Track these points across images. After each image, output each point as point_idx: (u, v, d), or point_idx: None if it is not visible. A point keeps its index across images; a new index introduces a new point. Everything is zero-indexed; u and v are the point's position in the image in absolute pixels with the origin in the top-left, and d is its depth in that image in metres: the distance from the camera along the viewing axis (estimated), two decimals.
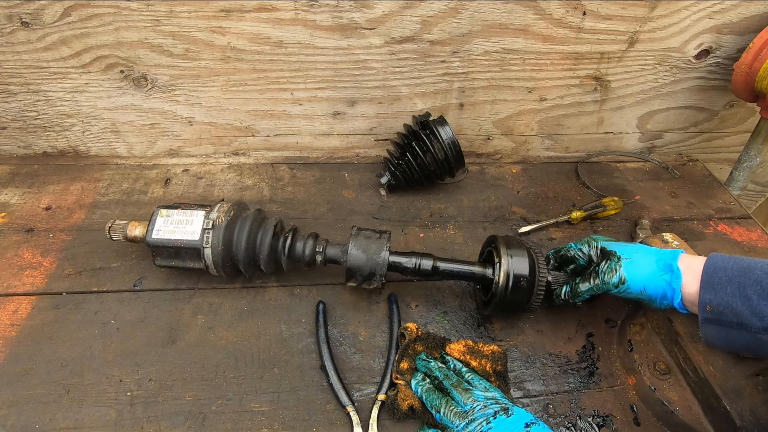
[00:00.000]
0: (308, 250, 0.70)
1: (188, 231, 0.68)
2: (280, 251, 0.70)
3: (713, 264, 0.56)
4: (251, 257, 0.69)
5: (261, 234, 0.70)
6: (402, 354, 0.64)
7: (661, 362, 0.64)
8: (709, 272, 0.55)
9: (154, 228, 0.68)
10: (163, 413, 0.59)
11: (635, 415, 0.63)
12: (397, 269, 0.69)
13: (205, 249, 0.67)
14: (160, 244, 0.68)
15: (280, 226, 0.73)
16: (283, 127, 0.98)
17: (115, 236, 0.71)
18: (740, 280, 0.53)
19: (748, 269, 0.53)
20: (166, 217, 0.69)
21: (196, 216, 0.69)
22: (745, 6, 0.88)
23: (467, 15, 0.84)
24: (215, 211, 0.69)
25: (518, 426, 0.50)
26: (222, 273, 0.69)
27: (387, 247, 0.68)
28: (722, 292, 0.53)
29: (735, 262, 0.55)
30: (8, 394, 0.60)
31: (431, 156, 0.87)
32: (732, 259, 0.55)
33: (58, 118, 0.92)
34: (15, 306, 0.69)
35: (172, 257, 0.69)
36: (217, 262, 0.67)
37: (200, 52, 0.84)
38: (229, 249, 0.68)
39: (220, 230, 0.67)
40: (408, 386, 0.60)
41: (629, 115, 1.05)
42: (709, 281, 0.55)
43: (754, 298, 0.51)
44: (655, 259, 0.61)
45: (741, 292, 0.52)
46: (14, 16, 0.77)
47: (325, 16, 0.82)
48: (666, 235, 0.81)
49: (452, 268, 0.69)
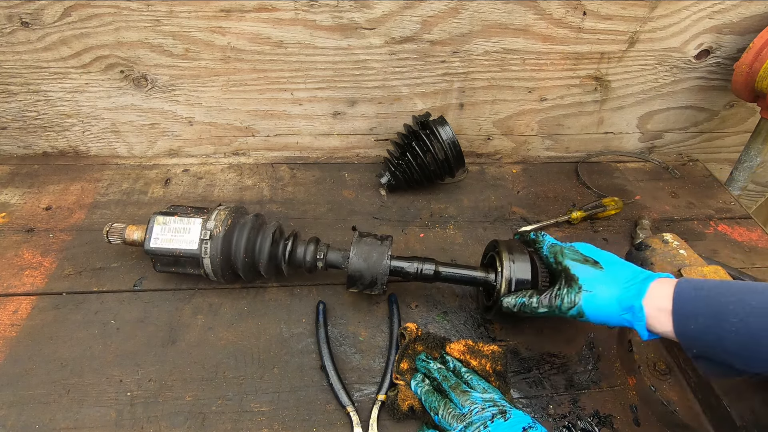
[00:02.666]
0: (309, 256, 0.69)
1: (186, 240, 0.67)
2: (280, 258, 0.69)
3: (681, 312, 0.49)
4: (250, 265, 0.69)
5: (260, 241, 0.69)
6: (402, 354, 0.64)
7: (661, 362, 0.64)
8: (679, 322, 0.49)
9: (152, 236, 0.68)
10: (163, 413, 0.59)
11: (635, 415, 0.63)
12: (399, 274, 0.68)
13: (204, 259, 0.67)
14: (158, 252, 0.68)
15: (279, 231, 0.72)
16: (283, 127, 0.98)
17: (113, 239, 0.71)
18: (716, 332, 0.46)
19: (719, 316, 0.46)
20: (163, 225, 0.68)
21: (193, 224, 0.68)
22: (745, 6, 0.88)
23: (467, 15, 0.84)
24: (212, 219, 0.68)
25: (515, 430, 0.50)
26: (222, 280, 0.70)
27: (388, 255, 0.67)
28: (701, 342, 0.48)
29: (706, 303, 0.48)
30: (8, 395, 0.60)
31: (431, 156, 0.87)
32: (701, 296, 0.48)
33: (58, 118, 0.92)
34: (15, 306, 0.70)
35: (171, 264, 0.70)
36: (217, 271, 0.68)
37: (200, 52, 0.84)
38: (228, 258, 0.68)
39: (218, 241, 0.66)
40: (408, 386, 0.60)
41: (629, 115, 1.05)
42: (683, 335, 0.49)
43: (732, 349, 0.46)
44: (618, 297, 0.54)
45: (720, 344, 0.46)
46: (14, 16, 0.77)
47: (325, 16, 0.82)
48: (666, 235, 0.80)
49: (454, 273, 0.69)
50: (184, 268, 0.70)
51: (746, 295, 0.46)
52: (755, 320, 0.44)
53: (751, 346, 0.44)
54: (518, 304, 0.61)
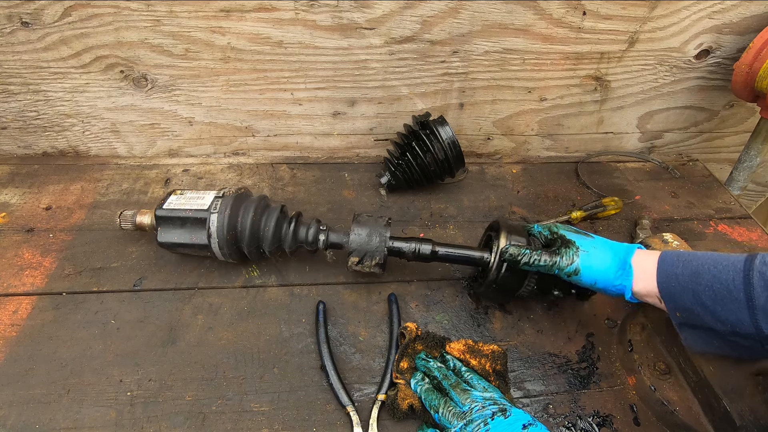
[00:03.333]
0: (312, 230, 0.72)
1: (199, 203, 0.71)
2: (284, 229, 0.71)
3: (665, 271, 0.55)
4: (255, 232, 0.71)
5: (268, 211, 0.72)
6: (402, 353, 0.64)
7: (661, 362, 0.64)
8: (663, 281, 0.55)
9: (166, 202, 0.72)
10: (163, 413, 0.59)
11: (635, 415, 0.63)
12: (397, 254, 0.70)
13: (212, 215, 0.68)
14: (168, 215, 0.70)
15: (286, 209, 0.75)
16: (283, 127, 0.98)
17: (125, 225, 0.74)
18: (693, 287, 0.52)
19: (696, 274, 0.52)
20: (180, 195, 0.74)
21: (207, 195, 0.73)
22: (745, 6, 0.88)
23: (467, 15, 0.84)
24: (228, 189, 0.73)
25: (516, 427, 0.50)
26: (224, 245, 0.69)
27: (387, 221, 0.70)
28: (681, 301, 0.53)
29: (684, 265, 0.54)
30: (8, 394, 0.60)
31: (431, 156, 0.87)
32: (681, 260, 0.54)
33: (58, 118, 0.92)
34: (15, 306, 0.70)
35: (177, 227, 0.71)
36: (221, 230, 0.68)
37: (200, 52, 0.84)
38: (235, 220, 0.70)
39: (229, 199, 0.70)
40: (408, 385, 0.60)
41: (629, 115, 1.05)
42: (666, 291, 0.54)
43: (709, 304, 0.50)
44: (611, 256, 0.60)
45: (696, 299, 0.51)
46: (14, 16, 0.77)
47: (325, 16, 0.82)
48: (666, 235, 0.81)
49: (451, 252, 0.70)
50: (189, 232, 0.70)
51: (719, 258, 0.53)
52: (725, 275, 0.50)
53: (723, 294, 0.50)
54: (521, 254, 0.63)
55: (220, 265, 0.77)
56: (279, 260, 0.79)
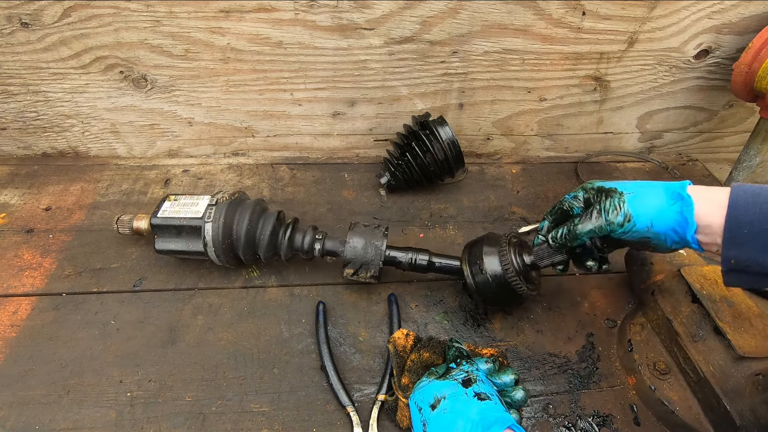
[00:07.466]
0: (308, 238, 0.71)
1: (193, 210, 0.71)
2: (280, 236, 0.71)
3: (736, 217, 0.48)
4: (251, 240, 0.70)
5: (264, 217, 0.72)
6: (401, 367, 0.60)
7: (661, 362, 0.64)
8: (732, 227, 0.48)
9: (160, 210, 0.71)
10: (163, 414, 0.59)
11: (635, 415, 0.63)
12: (393, 263, 0.70)
13: (206, 224, 0.68)
14: (163, 223, 0.70)
15: (282, 215, 0.75)
16: (283, 128, 0.98)
17: (123, 230, 0.74)
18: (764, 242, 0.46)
19: None
20: (174, 201, 0.73)
21: (201, 200, 0.72)
22: (744, 6, 0.88)
23: (467, 15, 0.84)
24: (220, 194, 0.72)
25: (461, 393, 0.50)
26: (220, 254, 0.69)
27: (384, 232, 0.70)
28: (748, 248, 0.47)
29: (762, 209, 0.47)
30: (8, 395, 0.60)
31: (431, 156, 0.87)
32: (758, 202, 0.48)
33: (57, 119, 0.92)
34: (15, 307, 0.69)
35: (174, 236, 0.71)
36: (216, 239, 0.68)
37: (200, 52, 0.84)
38: (230, 228, 0.69)
39: (223, 207, 0.70)
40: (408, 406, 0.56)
41: (629, 115, 1.05)
42: (733, 238, 0.48)
43: None
44: (663, 189, 0.53)
45: None
46: (14, 16, 0.77)
47: (325, 17, 0.82)
48: None
49: (448, 263, 0.70)
50: (185, 240, 0.70)
51: None
52: None
53: None
54: (563, 234, 0.59)
55: (220, 266, 0.77)
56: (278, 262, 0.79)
